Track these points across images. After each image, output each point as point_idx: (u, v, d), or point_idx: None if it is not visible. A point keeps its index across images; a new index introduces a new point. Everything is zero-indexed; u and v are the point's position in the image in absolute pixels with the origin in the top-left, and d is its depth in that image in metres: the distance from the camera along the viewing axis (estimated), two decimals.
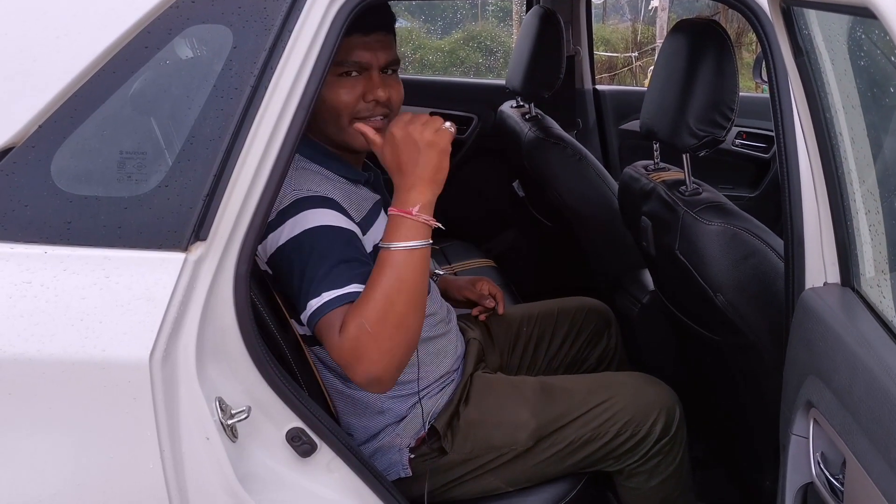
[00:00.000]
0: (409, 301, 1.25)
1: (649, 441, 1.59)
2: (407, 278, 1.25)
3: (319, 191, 1.38)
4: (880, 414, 0.94)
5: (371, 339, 1.22)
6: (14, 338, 1.06)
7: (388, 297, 1.24)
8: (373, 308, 1.23)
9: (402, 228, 1.27)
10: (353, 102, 1.43)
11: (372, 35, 1.42)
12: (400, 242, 1.26)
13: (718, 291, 1.53)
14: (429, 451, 1.55)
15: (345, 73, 1.42)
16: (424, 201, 1.28)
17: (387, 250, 1.26)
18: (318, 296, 1.29)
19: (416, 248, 1.26)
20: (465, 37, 11.74)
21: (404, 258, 1.25)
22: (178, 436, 1.13)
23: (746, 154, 3.12)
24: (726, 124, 1.54)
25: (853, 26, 1.04)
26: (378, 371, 1.24)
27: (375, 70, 1.44)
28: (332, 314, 1.27)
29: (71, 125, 1.12)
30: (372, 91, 1.43)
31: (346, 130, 1.45)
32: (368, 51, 1.42)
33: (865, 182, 1.11)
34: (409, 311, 1.26)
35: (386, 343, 1.23)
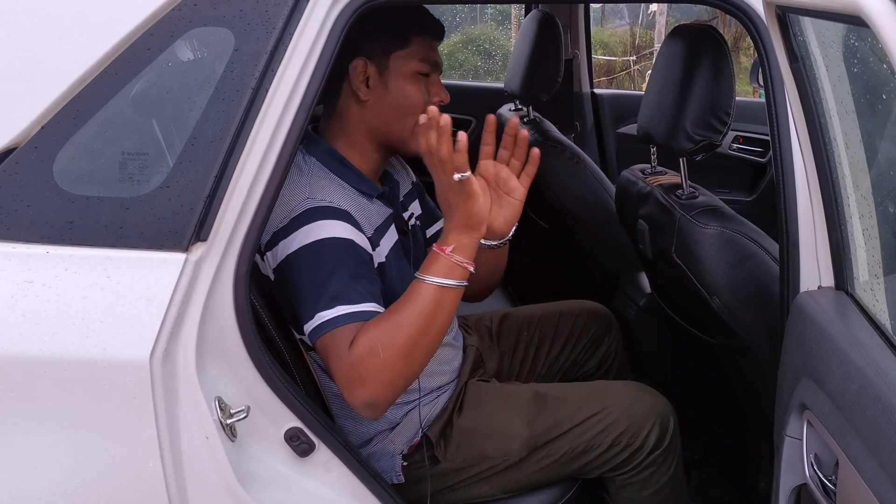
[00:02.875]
0: (425, 338, 1.26)
1: (643, 452, 1.58)
2: (430, 314, 1.26)
3: (333, 201, 1.37)
4: (872, 416, 0.95)
5: (379, 365, 1.23)
6: (16, 336, 1.07)
7: (407, 329, 1.24)
8: (390, 335, 1.23)
9: (436, 264, 1.28)
10: (423, 104, 1.45)
11: (438, 42, 1.50)
12: (432, 276, 1.27)
13: (714, 294, 1.54)
14: (422, 459, 1.55)
15: (421, 73, 1.46)
16: (459, 243, 1.28)
17: (419, 281, 1.27)
18: (330, 308, 1.28)
19: (445, 285, 1.26)
20: (463, 40, 11.75)
21: (432, 293, 1.26)
22: (178, 435, 1.13)
23: (743, 158, 3.14)
24: (723, 129, 1.55)
25: (847, 33, 1.06)
26: (376, 397, 1.25)
27: (438, 75, 1.50)
28: (343, 329, 1.27)
29: (73, 126, 1.13)
30: (439, 93, 1.48)
31: (410, 130, 1.46)
32: (438, 54, 1.49)
33: (860, 187, 1.12)
34: (422, 347, 1.26)
35: (391, 373, 1.24)
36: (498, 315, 1.95)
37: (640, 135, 1.75)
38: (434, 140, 1.21)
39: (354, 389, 1.24)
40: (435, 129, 1.21)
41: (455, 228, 1.28)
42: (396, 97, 1.45)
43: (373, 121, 1.47)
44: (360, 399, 1.25)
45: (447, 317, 1.29)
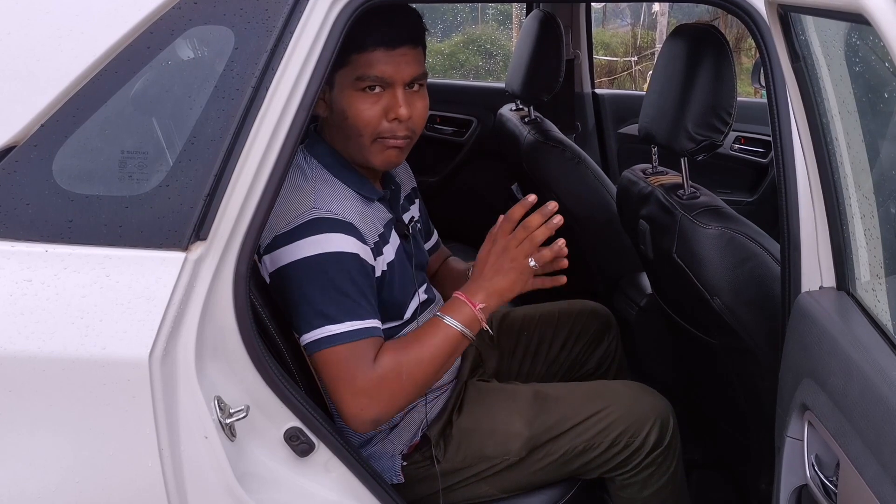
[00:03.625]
0: (437, 375, 1.39)
1: (642, 452, 1.58)
2: (448, 355, 1.37)
3: (339, 213, 1.37)
4: (874, 417, 0.94)
5: (399, 388, 1.33)
6: (14, 335, 1.07)
7: (429, 364, 1.35)
8: (415, 364, 1.34)
9: (463, 313, 1.38)
10: (375, 120, 1.39)
11: (397, 50, 1.38)
12: (458, 322, 1.37)
13: (715, 295, 1.54)
14: (421, 459, 1.55)
15: (367, 88, 1.38)
16: (487, 305, 1.39)
17: (446, 323, 1.37)
18: (340, 322, 1.31)
19: (466, 335, 1.38)
20: (465, 40, 11.75)
21: (455, 338, 1.37)
22: (177, 434, 1.13)
23: (744, 159, 3.13)
24: (724, 129, 1.55)
25: (849, 32, 1.05)
26: (384, 415, 1.35)
27: (399, 87, 1.39)
28: (362, 343, 1.32)
29: (73, 124, 1.13)
30: (394, 109, 1.39)
31: (368, 149, 1.42)
32: (392, 66, 1.37)
33: (861, 187, 1.11)
34: (431, 381, 1.39)
35: (405, 395, 1.35)
36: (498, 315, 1.95)
37: (641, 135, 1.75)
38: (536, 223, 1.37)
39: (368, 404, 1.31)
40: (541, 216, 1.37)
41: (488, 291, 1.39)
42: (340, 116, 1.41)
43: (333, 136, 1.46)
44: (371, 415, 1.32)
45: (454, 361, 1.42)
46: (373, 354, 1.32)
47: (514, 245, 1.38)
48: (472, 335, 1.38)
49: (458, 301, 1.39)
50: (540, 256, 1.39)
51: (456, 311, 1.38)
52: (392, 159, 1.45)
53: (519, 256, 1.38)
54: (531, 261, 1.38)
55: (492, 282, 1.39)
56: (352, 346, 1.31)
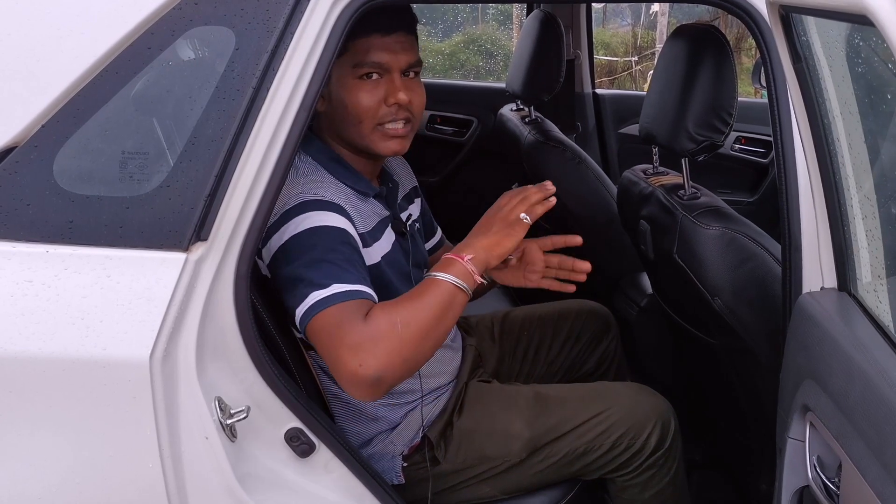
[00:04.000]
0: (437, 329, 1.27)
1: (644, 454, 1.58)
2: (445, 306, 1.28)
3: (326, 196, 1.37)
4: (876, 418, 0.94)
5: (396, 339, 1.22)
6: (15, 336, 1.07)
7: (426, 314, 1.25)
8: (409, 314, 1.24)
9: (452, 267, 1.31)
10: (374, 106, 1.40)
11: (392, 35, 1.40)
12: (451, 276, 1.29)
13: (716, 295, 1.54)
14: (422, 460, 1.54)
15: (365, 76, 1.40)
16: (476, 257, 1.33)
17: (435, 278, 1.29)
18: (325, 287, 1.25)
19: (459, 286, 1.29)
20: (465, 40, 11.75)
21: (449, 289, 1.29)
22: (178, 435, 1.13)
23: (745, 159, 3.13)
24: (725, 129, 1.55)
25: (851, 33, 1.05)
26: (386, 373, 1.21)
27: (396, 72, 1.41)
28: (347, 304, 1.24)
29: (74, 125, 1.13)
30: (393, 94, 1.40)
31: (369, 136, 1.42)
32: (389, 52, 1.39)
33: (863, 188, 1.11)
34: (432, 337, 1.27)
35: (405, 351, 1.22)
36: (499, 315, 1.95)
37: (642, 135, 1.75)
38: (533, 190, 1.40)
39: (366, 357, 1.19)
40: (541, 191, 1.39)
41: (477, 245, 1.34)
42: (339, 105, 1.42)
43: (335, 128, 1.46)
44: (370, 371, 1.19)
45: (454, 318, 1.31)
46: (364, 312, 1.24)
47: (506, 204, 1.38)
48: (466, 286, 1.30)
49: (447, 258, 1.33)
50: (532, 211, 1.37)
51: (445, 266, 1.32)
52: (395, 147, 1.45)
53: (510, 214, 1.37)
54: (523, 216, 1.37)
55: (480, 238, 1.36)
56: (341, 306, 1.24)
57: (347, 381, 1.22)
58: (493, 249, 1.34)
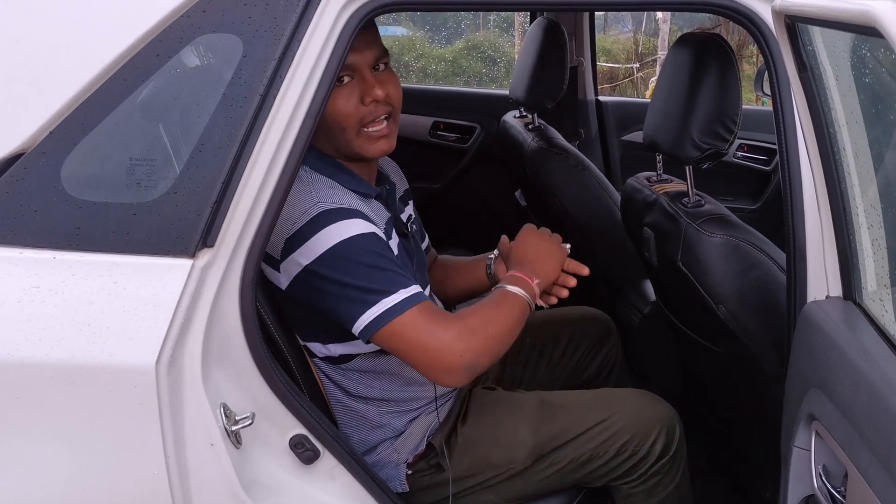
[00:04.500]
0: (512, 334, 1.42)
1: (649, 460, 1.58)
2: (520, 317, 1.43)
3: (344, 203, 1.36)
4: (882, 427, 0.94)
5: (488, 335, 1.36)
6: (22, 342, 1.07)
7: (507, 318, 1.41)
8: (495, 316, 1.39)
9: (524, 285, 1.46)
10: (353, 110, 1.40)
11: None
12: (525, 292, 1.45)
13: (720, 303, 1.54)
14: (426, 468, 1.54)
15: (337, 81, 1.37)
16: (544, 282, 1.52)
17: (510, 292, 1.44)
18: (392, 293, 1.32)
19: (528, 302, 1.45)
20: (467, 46, 11.75)
21: (522, 304, 1.44)
22: (183, 441, 1.13)
23: (748, 166, 3.13)
24: (729, 137, 1.55)
25: (857, 43, 1.05)
26: (479, 361, 1.35)
27: (366, 69, 1.41)
28: (422, 306, 1.33)
29: (81, 131, 1.13)
30: (369, 92, 1.39)
31: (355, 141, 1.42)
32: (353, 51, 1.36)
33: (868, 197, 1.11)
34: (508, 340, 1.42)
35: (496, 344, 1.39)
36: None
37: (646, 143, 1.75)
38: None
39: (467, 348, 1.32)
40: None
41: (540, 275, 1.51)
42: (327, 111, 1.37)
43: (324, 134, 1.44)
44: (470, 357, 1.33)
45: (522, 325, 1.44)
46: (438, 311, 1.37)
47: (548, 233, 1.58)
48: (534, 306, 1.47)
49: (518, 277, 1.47)
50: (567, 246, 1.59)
51: (517, 282, 1.45)
52: (383, 147, 1.45)
53: (557, 241, 1.57)
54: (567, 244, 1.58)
55: (539, 263, 1.52)
56: (419, 307, 1.32)
57: (447, 368, 1.34)
58: (550, 276, 1.53)
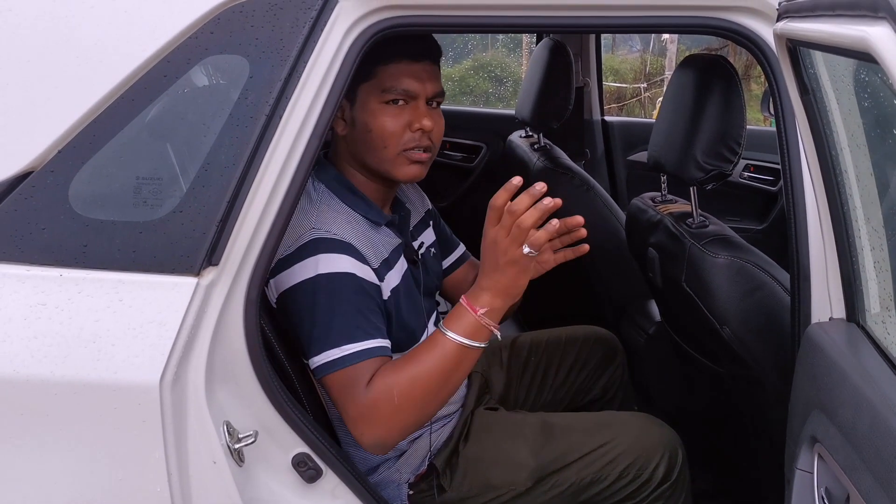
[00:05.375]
0: (442, 391, 1.30)
1: (651, 485, 1.57)
2: (451, 370, 1.29)
3: (338, 234, 1.37)
4: (884, 450, 0.94)
5: (392, 409, 1.26)
6: (28, 358, 1.08)
7: (424, 379, 1.28)
8: (408, 384, 1.27)
9: (463, 321, 1.28)
10: (399, 131, 1.41)
11: (420, 63, 1.43)
12: (457, 335, 1.28)
13: (724, 324, 1.53)
14: (428, 488, 1.54)
15: (391, 101, 1.41)
16: (492, 307, 1.28)
17: (444, 335, 1.29)
18: (337, 346, 1.29)
19: (468, 346, 1.28)
20: (475, 66, 11.82)
21: (455, 351, 1.28)
22: (186, 459, 1.13)
23: (754, 187, 3.14)
24: (734, 158, 1.55)
25: (858, 66, 1.06)
26: (385, 439, 1.30)
27: (422, 100, 1.43)
28: (356, 367, 1.29)
29: (89, 150, 1.14)
30: (418, 120, 1.42)
31: (392, 161, 1.43)
32: (417, 80, 1.42)
33: (871, 219, 1.12)
34: (438, 399, 1.30)
35: (404, 417, 1.28)
36: (507, 341, 1.95)
37: (650, 163, 1.76)
38: (523, 206, 1.21)
39: (364, 429, 1.28)
40: (529, 197, 1.21)
41: (491, 291, 1.27)
42: (362, 129, 1.43)
43: (354, 152, 1.47)
44: (370, 440, 1.29)
45: (465, 373, 1.32)
46: (367, 378, 1.28)
47: (504, 235, 1.24)
48: (477, 344, 1.28)
49: (460, 308, 1.30)
50: (535, 241, 1.23)
51: (456, 320, 1.28)
52: (415, 172, 1.46)
53: (511, 247, 1.23)
54: (525, 248, 1.23)
55: (493, 280, 1.27)
56: (349, 370, 1.29)
57: (357, 441, 1.31)
58: (509, 291, 1.28)
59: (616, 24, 1.32)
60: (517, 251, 1.23)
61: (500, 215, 1.24)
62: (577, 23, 1.32)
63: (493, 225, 1.25)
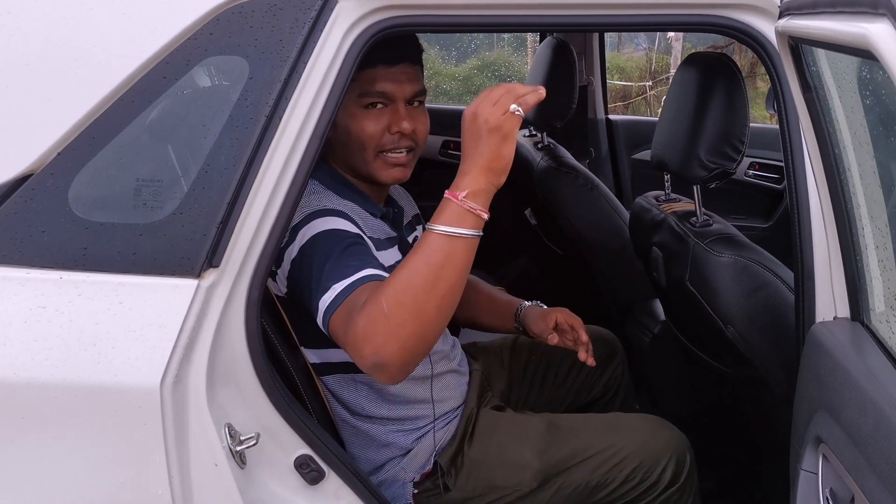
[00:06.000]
0: (434, 291, 1.15)
1: (658, 488, 1.56)
2: (439, 265, 1.15)
3: (330, 206, 1.39)
4: (888, 451, 0.93)
5: (383, 318, 1.13)
6: (28, 361, 1.08)
7: (412, 279, 1.15)
8: (393, 287, 1.15)
9: (445, 211, 1.17)
10: (378, 134, 1.43)
11: (398, 66, 1.43)
12: (441, 225, 1.16)
13: (729, 323, 1.53)
14: (432, 487, 1.53)
15: (370, 105, 1.43)
16: (475, 188, 1.17)
17: (428, 231, 1.18)
18: (327, 290, 1.24)
19: (454, 234, 1.16)
20: (479, 65, 11.80)
21: (441, 243, 1.16)
22: (188, 462, 1.13)
23: (759, 185, 3.13)
24: (737, 157, 1.55)
25: (861, 64, 1.05)
26: (384, 356, 1.14)
27: (401, 102, 1.44)
28: (349, 299, 1.21)
29: (89, 153, 1.14)
30: (397, 123, 1.43)
31: (371, 163, 1.45)
32: (394, 82, 1.42)
33: (875, 218, 1.11)
34: (430, 298, 1.15)
35: (397, 327, 1.14)
36: (508, 342, 1.94)
37: (653, 162, 1.75)
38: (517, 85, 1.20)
39: (361, 348, 1.15)
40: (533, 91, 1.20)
41: (473, 170, 1.18)
42: (344, 133, 1.44)
43: (338, 154, 1.48)
44: (368, 359, 1.15)
45: (459, 270, 1.18)
46: (362, 302, 1.18)
47: (489, 104, 1.18)
48: (463, 231, 1.17)
49: (443, 202, 1.19)
50: (525, 100, 1.19)
51: (438, 214, 1.18)
52: (397, 175, 1.47)
53: (495, 112, 1.17)
54: (514, 107, 1.17)
55: (473, 159, 1.18)
56: (344, 305, 1.22)
57: (369, 371, 1.20)
58: (492, 166, 1.17)
59: (618, 23, 1.31)
60: (502, 114, 1.17)
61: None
62: (580, 21, 1.31)
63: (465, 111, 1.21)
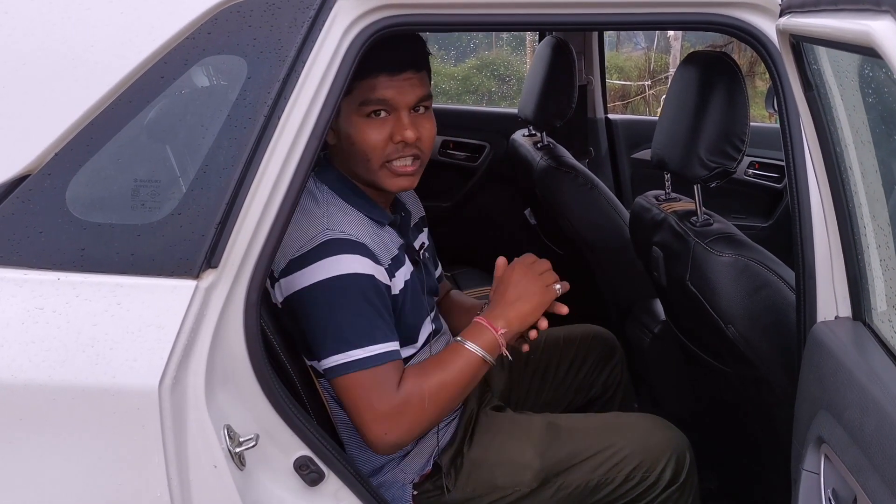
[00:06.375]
0: (457, 400, 1.41)
1: (658, 487, 1.56)
2: (469, 381, 1.39)
3: (352, 234, 1.37)
4: (891, 451, 0.93)
5: (420, 411, 1.33)
6: (25, 363, 1.07)
7: (451, 390, 1.36)
8: (436, 386, 1.35)
9: (484, 337, 1.39)
10: (381, 144, 1.41)
11: (401, 74, 1.40)
12: (479, 347, 1.38)
13: (730, 323, 1.52)
14: (432, 489, 1.53)
15: (372, 113, 1.40)
16: (510, 331, 1.41)
17: (464, 346, 1.38)
18: (358, 347, 1.32)
19: (486, 360, 1.39)
20: (478, 64, 11.79)
21: (476, 362, 1.38)
22: (186, 463, 1.13)
23: (759, 184, 3.12)
24: (737, 156, 1.54)
25: (863, 62, 1.05)
26: (405, 440, 1.37)
27: (404, 110, 1.41)
28: (382, 369, 1.33)
29: (87, 153, 1.13)
30: (399, 132, 1.40)
31: (377, 172, 1.43)
32: (396, 90, 1.39)
33: (877, 217, 1.10)
34: (453, 404, 1.40)
35: (426, 420, 1.36)
36: None
37: (653, 161, 1.75)
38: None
39: (389, 428, 1.32)
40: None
41: (510, 316, 1.41)
42: (347, 141, 1.42)
43: (345, 162, 1.47)
44: (392, 439, 1.33)
45: (475, 383, 1.42)
46: (395, 379, 1.33)
47: (540, 270, 1.46)
48: (492, 360, 1.39)
49: (480, 326, 1.40)
50: (564, 284, 1.47)
51: (478, 336, 1.39)
52: (403, 184, 1.46)
53: (546, 280, 1.45)
54: (557, 285, 1.46)
55: (514, 306, 1.42)
56: (373, 371, 1.32)
57: (368, 442, 1.35)
58: (526, 319, 1.43)
59: (618, 21, 1.31)
60: (549, 287, 1.46)
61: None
62: (580, 20, 1.31)
63: (528, 263, 1.47)
